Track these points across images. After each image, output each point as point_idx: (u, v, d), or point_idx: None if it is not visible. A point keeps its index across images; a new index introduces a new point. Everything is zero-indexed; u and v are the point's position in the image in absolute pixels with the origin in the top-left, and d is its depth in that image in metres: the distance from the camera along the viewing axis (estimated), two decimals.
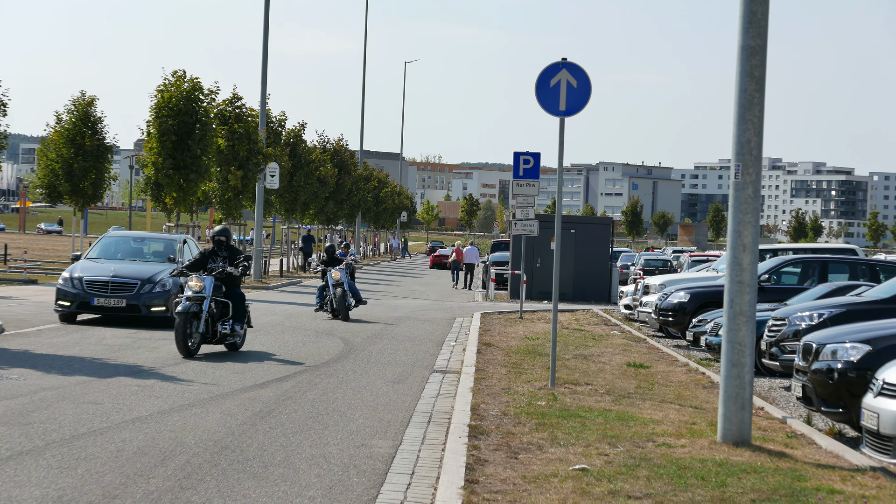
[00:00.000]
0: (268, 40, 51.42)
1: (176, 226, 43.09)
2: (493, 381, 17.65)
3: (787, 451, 12.43)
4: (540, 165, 30.22)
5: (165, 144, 40.60)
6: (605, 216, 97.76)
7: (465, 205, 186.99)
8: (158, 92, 41.00)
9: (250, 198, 48.40)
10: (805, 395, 14.85)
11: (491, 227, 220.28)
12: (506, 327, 29.32)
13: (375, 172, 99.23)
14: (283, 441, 12.59)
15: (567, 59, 17.95)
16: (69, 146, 47.83)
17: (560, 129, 18.10)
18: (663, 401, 16.13)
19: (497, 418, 14.05)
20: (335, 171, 68.27)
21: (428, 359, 21.84)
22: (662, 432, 13.32)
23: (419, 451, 12.45)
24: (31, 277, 42.86)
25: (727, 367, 12.94)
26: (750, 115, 12.91)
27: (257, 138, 46.43)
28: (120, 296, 25.63)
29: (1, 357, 18.94)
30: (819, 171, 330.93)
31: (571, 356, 21.94)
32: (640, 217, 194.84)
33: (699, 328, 23.99)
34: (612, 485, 10.38)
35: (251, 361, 19.86)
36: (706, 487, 10.43)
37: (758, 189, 12.99)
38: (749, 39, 12.92)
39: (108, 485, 10.19)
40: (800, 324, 18.94)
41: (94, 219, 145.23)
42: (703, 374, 19.53)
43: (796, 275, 27.71)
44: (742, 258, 12.90)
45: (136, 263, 27.15)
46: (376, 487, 10.61)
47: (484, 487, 10.20)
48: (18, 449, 11.53)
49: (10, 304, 30.21)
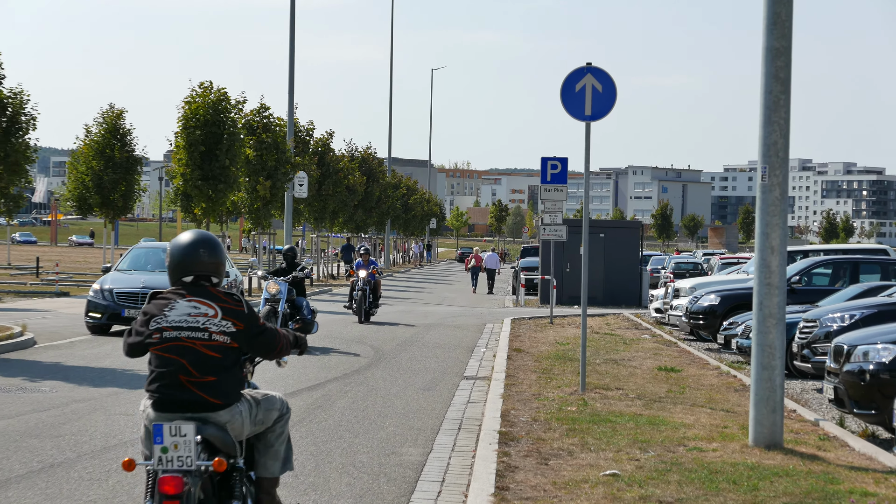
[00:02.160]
0: (294, 49, 51.55)
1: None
2: (523, 387, 17.62)
3: (819, 453, 12.36)
4: (568, 170, 30.19)
5: (194, 155, 40.73)
6: (634, 220, 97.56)
7: (494, 210, 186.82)
8: (186, 103, 41.13)
9: (279, 207, 48.51)
10: (837, 396, 14.76)
11: (520, 233, 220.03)
12: (536, 333, 29.27)
13: (404, 180, 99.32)
14: (312, 450, 12.59)
15: (592, 63, 17.92)
16: (99, 159, 48.09)
17: (586, 134, 18.06)
18: (694, 405, 16.06)
19: (527, 424, 14.02)
20: (364, 179, 68.41)
21: (458, 365, 21.83)
22: (693, 436, 13.26)
23: (449, 458, 12.43)
24: (62, 289, 43.06)
25: (758, 369, 12.88)
26: (776, 116, 12.86)
27: (285, 148, 46.53)
28: None
29: (33, 369, 19.04)
30: (850, 171, 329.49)
31: (602, 361, 21.88)
32: (669, 220, 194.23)
33: (730, 331, 23.90)
34: (644, 490, 10.34)
35: (281, 370, 19.89)
36: (738, 491, 10.38)
37: (785, 191, 12.93)
38: (773, 41, 12.86)
39: (139, 496, 10.21)
40: (831, 325, 18.85)
41: (124, 230, 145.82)
42: (735, 377, 19.44)
43: (827, 276, 27.57)
44: (770, 260, 12.84)
45: (167, 275, 27.22)
46: (406, 495, 10.61)
47: (514, 494, 10.18)
48: (50, 461, 11.57)
49: (42, 317, 30.36)
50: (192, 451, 7.12)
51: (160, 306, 7.64)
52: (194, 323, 7.53)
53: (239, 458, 7.64)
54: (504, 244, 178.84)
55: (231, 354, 7.62)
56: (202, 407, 7.46)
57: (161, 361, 7.52)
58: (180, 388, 7.46)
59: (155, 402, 7.49)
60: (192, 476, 7.12)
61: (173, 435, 7.11)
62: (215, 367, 7.52)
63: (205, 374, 7.48)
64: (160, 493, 7.02)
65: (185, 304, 7.60)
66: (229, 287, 22.62)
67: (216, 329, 7.53)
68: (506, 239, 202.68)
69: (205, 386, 7.47)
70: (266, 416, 7.89)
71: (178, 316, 7.55)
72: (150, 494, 7.27)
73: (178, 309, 7.58)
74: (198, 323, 7.53)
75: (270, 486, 8.03)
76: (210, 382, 7.48)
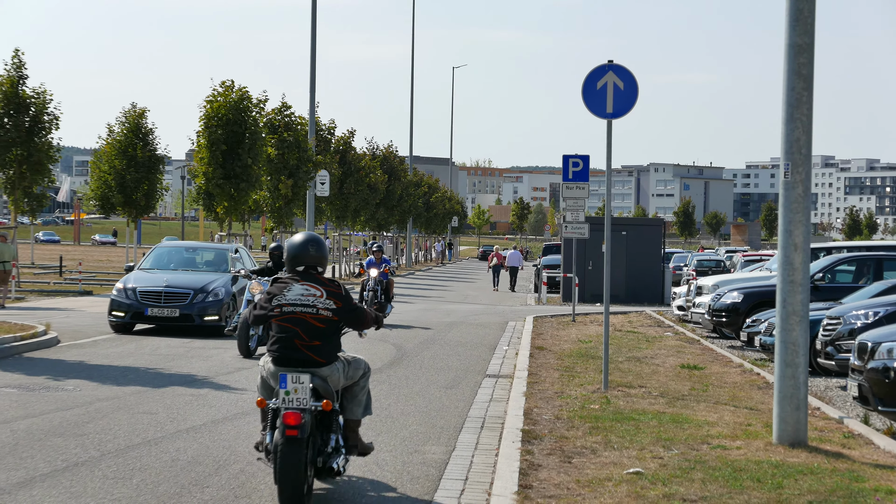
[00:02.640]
0: (315, 48, 51.61)
1: (228, 235, 43.32)
2: (545, 385, 17.60)
3: (844, 451, 12.32)
4: (589, 168, 30.16)
5: (216, 154, 40.83)
6: (656, 217, 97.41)
7: (515, 208, 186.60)
8: (207, 102, 41.23)
9: (301, 206, 48.57)
10: (861, 394, 14.71)
11: (542, 231, 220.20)
12: (558, 330, 29.25)
13: (425, 178, 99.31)
14: None
15: (613, 60, 17.89)
16: (121, 158, 48.25)
17: (608, 132, 18.04)
18: (718, 402, 16.02)
19: (550, 422, 14.01)
20: (385, 177, 68.46)
21: (480, 363, 21.83)
22: (717, 434, 13.23)
23: (472, 456, 12.43)
24: (86, 288, 43.21)
25: (781, 367, 12.84)
26: (798, 113, 12.82)
27: (307, 146, 46.59)
28: (173, 306, 25.84)
29: (57, 368, 19.11)
30: (873, 167, 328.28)
31: (624, 359, 21.85)
32: (692, 217, 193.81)
33: (753, 328, 23.83)
34: (667, 488, 10.32)
35: None
36: (762, 489, 10.35)
37: (808, 188, 12.89)
38: (796, 37, 12.82)
39: (162, 494, 10.24)
40: (855, 322, 18.78)
41: (147, 229, 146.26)
42: (758, 375, 19.39)
43: (851, 273, 27.46)
44: (794, 257, 12.81)
45: (189, 273, 27.36)
46: (430, 494, 10.61)
47: (538, 492, 10.17)
48: (74, 460, 11.61)
49: (65, 315, 30.48)
50: (308, 395, 9.81)
51: (280, 288, 10.21)
52: (305, 301, 10.11)
53: (335, 403, 10.23)
54: (526, 242, 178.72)
55: (332, 325, 10.20)
56: (310, 364, 10.07)
57: (280, 329, 10.13)
58: (294, 349, 10.07)
59: (275, 359, 10.13)
60: (307, 413, 9.73)
61: (294, 382, 9.81)
62: (320, 335, 10.12)
63: (312, 339, 10.09)
64: (284, 424, 9.58)
65: (299, 287, 10.16)
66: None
67: (322, 306, 10.11)
68: (528, 237, 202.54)
69: (312, 348, 10.09)
70: (354, 373, 10.52)
71: (293, 295, 10.12)
72: (270, 427, 10.00)
73: (294, 290, 10.15)
74: (308, 301, 10.11)
75: (354, 426, 10.66)
76: (316, 346, 10.11)
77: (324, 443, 10.23)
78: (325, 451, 10.21)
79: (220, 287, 26.31)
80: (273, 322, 10.17)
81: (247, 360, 21.00)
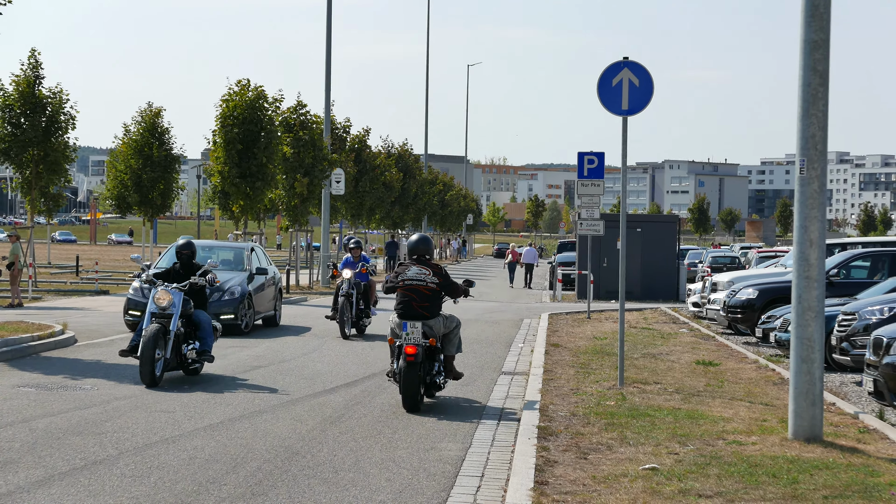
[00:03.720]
0: (331, 47, 51.71)
1: (244, 233, 43.41)
2: (561, 382, 17.63)
3: (859, 446, 12.33)
4: (604, 165, 30.18)
5: (231, 153, 40.96)
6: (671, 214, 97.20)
7: (530, 206, 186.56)
8: (223, 101, 41.37)
9: (316, 204, 48.68)
10: (877, 389, 14.71)
11: (557, 228, 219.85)
12: (573, 328, 29.26)
13: (440, 176, 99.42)
14: (352, 446, 12.66)
15: (628, 57, 17.91)
16: (137, 157, 48.34)
17: (623, 129, 18.05)
18: (733, 398, 16.04)
19: (566, 419, 14.04)
20: (400, 175, 68.54)
21: (496, 360, 21.86)
22: (733, 430, 13.25)
23: (488, 453, 12.47)
24: (102, 288, 43.34)
25: (797, 363, 12.85)
26: (814, 109, 12.82)
27: (322, 145, 46.67)
28: None
29: (74, 367, 19.19)
30: (888, 163, 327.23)
31: (640, 355, 21.87)
32: (706, 214, 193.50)
33: (768, 324, 23.82)
34: (683, 484, 10.34)
35: (320, 367, 19.99)
36: (778, 485, 10.37)
37: (824, 184, 12.89)
38: (812, 34, 12.83)
39: (180, 492, 10.29)
40: (870, 318, 18.77)
41: (163, 228, 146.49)
42: (773, 371, 19.39)
43: (866, 269, 27.41)
44: (809, 253, 12.81)
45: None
46: (446, 490, 10.64)
47: (554, 489, 10.20)
48: (92, 458, 11.67)
49: (82, 315, 30.59)
50: (420, 336, 15.34)
51: (403, 269, 15.89)
52: (419, 277, 15.72)
53: (438, 342, 15.78)
54: (541, 239, 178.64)
55: (436, 293, 15.77)
56: (422, 317, 15.54)
57: (403, 295, 15.66)
58: (412, 308, 15.59)
59: (399, 314, 15.61)
60: (419, 347, 15.19)
61: (411, 328, 15.36)
62: (428, 299, 15.67)
63: (423, 302, 15.64)
64: (405, 353, 15.09)
65: (415, 268, 15.82)
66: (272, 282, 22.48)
67: (429, 280, 15.69)
68: (542, 234, 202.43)
69: (423, 307, 15.60)
70: (449, 324, 15.98)
71: (412, 273, 15.76)
72: (396, 358, 15.52)
73: (412, 270, 15.81)
74: (420, 277, 15.72)
75: (450, 359, 16.15)
76: (426, 305, 15.62)
77: (430, 367, 15.64)
78: (432, 373, 15.64)
79: (236, 286, 26.35)
80: (398, 290, 15.74)
81: (263, 359, 21.04)
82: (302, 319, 30.91)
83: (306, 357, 21.62)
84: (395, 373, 15.51)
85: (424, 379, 15.37)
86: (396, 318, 15.54)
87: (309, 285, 48.13)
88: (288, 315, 31.31)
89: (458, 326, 15.99)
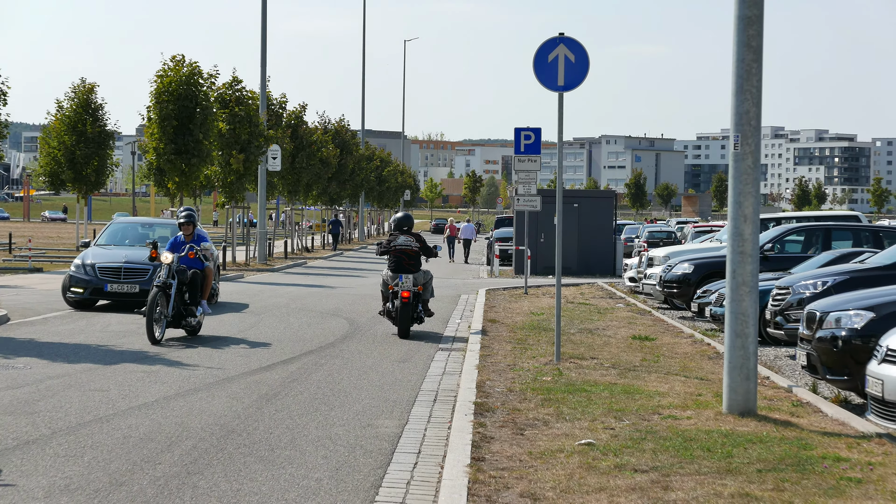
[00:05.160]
0: (266, 21, 51.36)
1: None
2: (498, 358, 17.67)
3: (792, 419, 12.45)
4: (541, 140, 30.22)
5: (166, 129, 40.61)
6: (608, 189, 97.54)
7: (468, 181, 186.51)
8: (158, 77, 40.99)
9: (253, 181, 48.38)
10: (810, 363, 14.85)
11: (494, 204, 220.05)
12: (511, 303, 29.32)
13: (378, 152, 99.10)
14: (289, 423, 12.61)
15: (564, 33, 17.91)
16: (71, 134, 47.89)
17: (559, 104, 18.07)
18: (669, 373, 16.14)
19: (503, 395, 14.06)
20: (337, 151, 68.23)
21: (434, 337, 21.85)
22: (668, 405, 13.33)
23: (425, 429, 12.46)
24: (35, 266, 42.88)
25: (731, 337, 12.94)
26: (748, 85, 12.88)
27: (258, 121, 46.40)
28: (133, 282, 25.75)
29: (6, 346, 18.97)
30: (822, 138, 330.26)
31: (577, 330, 21.96)
32: (643, 189, 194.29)
33: (704, 299, 23.99)
34: (619, 459, 10.39)
35: (256, 345, 19.90)
36: (712, 459, 10.44)
37: (758, 159, 12.96)
38: (745, 9, 12.88)
39: (114, 472, 10.21)
40: (804, 292, 18.93)
41: (97, 205, 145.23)
42: (709, 345, 19.54)
43: (800, 243, 27.67)
44: (743, 229, 12.89)
45: (144, 249, 27.22)
46: (383, 467, 10.63)
47: (490, 465, 10.22)
48: (25, 438, 11.55)
49: (15, 293, 30.25)
50: (411, 284, 21.26)
51: (394, 237, 21.80)
52: (406, 244, 21.65)
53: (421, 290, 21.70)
54: (478, 215, 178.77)
55: (417, 254, 21.72)
56: (409, 272, 21.49)
57: (396, 256, 21.59)
58: (402, 265, 21.55)
59: (392, 269, 21.56)
60: (412, 292, 21.23)
61: (406, 279, 21.23)
62: (413, 258, 21.69)
63: (410, 261, 21.64)
64: (401, 296, 21.12)
65: (402, 237, 21.71)
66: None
67: (413, 246, 21.63)
68: (480, 210, 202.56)
69: (410, 265, 21.61)
70: (426, 277, 21.80)
71: (401, 241, 21.67)
72: (391, 300, 21.58)
73: (401, 238, 21.70)
74: (407, 244, 21.64)
75: (426, 303, 21.90)
76: (412, 263, 21.64)
77: (415, 307, 21.56)
78: (417, 311, 21.67)
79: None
80: (391, 253, 21.75)
81: (199, 336, 20.91)
82: (239, 296, 30.75)
83: (243, 334, 21.51)
84: (389, 311, 21.61)
85: (411, 315, 21.32)
86: (390, 273, 21.66)
87: (245, 262, 47.92)
88: (225, 292, 31.13)
89: (431, 279, 22.12)
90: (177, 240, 21.37)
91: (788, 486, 9.54)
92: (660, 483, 9.57)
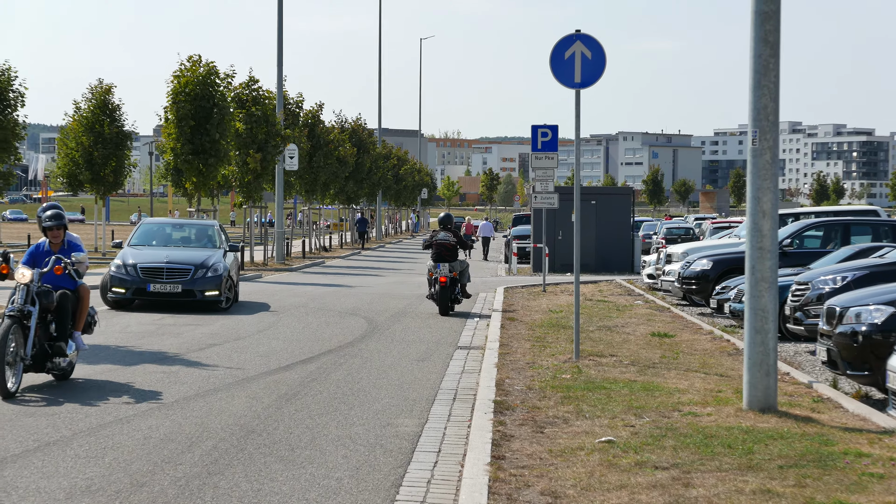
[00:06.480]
0: (283, 21, 51.42)
1: (197, 210, 43.18)
2: (517, 356, 17.65)
3: (813, 415, 12.40)
4: (558, 138, 30.26)
5: (184, 130, 40.67)
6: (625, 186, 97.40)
7: (485, 179, 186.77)
8: (175, 77, 41.04)
9: (270, 180, 48.43)
10: (830, 358, 14.80)
11: (512, 201, 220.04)
12: (529, 301, 29.30)
13: (394, 150, 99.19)
14: (308, 423, 12.61)
15: (581, 30, 17.88)
16: (88, 135, 47.97)
17: (576, 101, 18.03)
18: (688, 369, 16.10)
19: (522, 393, 14.05)
20: (354, 150, 68.26)
21: (452, 335, 21.85)
22: (688, 401, 13.30)
23: (445, 428, 12.45)
24: None
25: (751, 333, 12.90)
26: (765, 80, 12.84)
27: (275, 120, 46.42)
28: (175, 281, 25.82)
29: None
30: (839, 132, 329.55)
31: (595, 328, 21.92)
32: (661, 185, 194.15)
33: (722, 295, 23.93)
34: (639, 456, 10.37)
35: (276, 344, 19.92)
36: (733, 455, 10.41)
37: (776, 154, 12.92)
38: (762, 5, 12.83)
39: (135, 472, 10.22)
40: (823, 287, 18.87)
41: (115, 206, 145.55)
42: (728, 342, 19.48)
43: (819, 238, 27.58)
44: (762, 224, 12.85)
45: (187, 249, 27.42)
46: (403, 466, 10.62)
47: (510, 463, 10.21)
48: (46, 440, 11.57)
49: None
50: (448, 271, 25.90)
51: (435, 233, 26.58)
52: (445, 238, 26.29)
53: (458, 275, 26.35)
54: (495, 213, 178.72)
55: (454, 247, 26.35)
56: (447, 261, 26.10)
57: (437, 248, 26.25)
58: (442, 255, 26.16)
59: (434, 259, 26.20)
60: (448, 277, 25.82)
61: (443, 266, 25.91)
62: (452, 250, 26.30)
63: (448, 252, 26.20)
64: (439, 281, 25.72)
65: (442, 233, 26.41)
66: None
67: (451, 240, 26.23)
68: (497, 207, 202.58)
69: (448, 255, 26.19)
70: (463, 265, 26.53)
71: (441, 236, 26.32)
72: (431, 284, 26.27)
73: (441, 234, 26.40)
74: (447, 238, 26.28)
75: (464, 286, 26.68)
76: (449, 254, 26.23)
77: (453, 290, 25.81)
78: (455, 293, 25.93)
79: (219, 262, 26.44)
80: (433, 246, 26.07)
81: (218, 336, 20.94)
82: (257, 296, 30.80)
83: (262, 334, 21.54)
84: (433, 294, 26.00)
85: (451, 297, 25.85)
86: (432, 262, 26.16)
87: (264, 262, 47.99)
88: (244, 292, 31.19)
89: (468, 267, 26.77)
90: (38, 249, 15.24)
91: (810, 482, 9.51)
92: (681, 480, 9.55)
